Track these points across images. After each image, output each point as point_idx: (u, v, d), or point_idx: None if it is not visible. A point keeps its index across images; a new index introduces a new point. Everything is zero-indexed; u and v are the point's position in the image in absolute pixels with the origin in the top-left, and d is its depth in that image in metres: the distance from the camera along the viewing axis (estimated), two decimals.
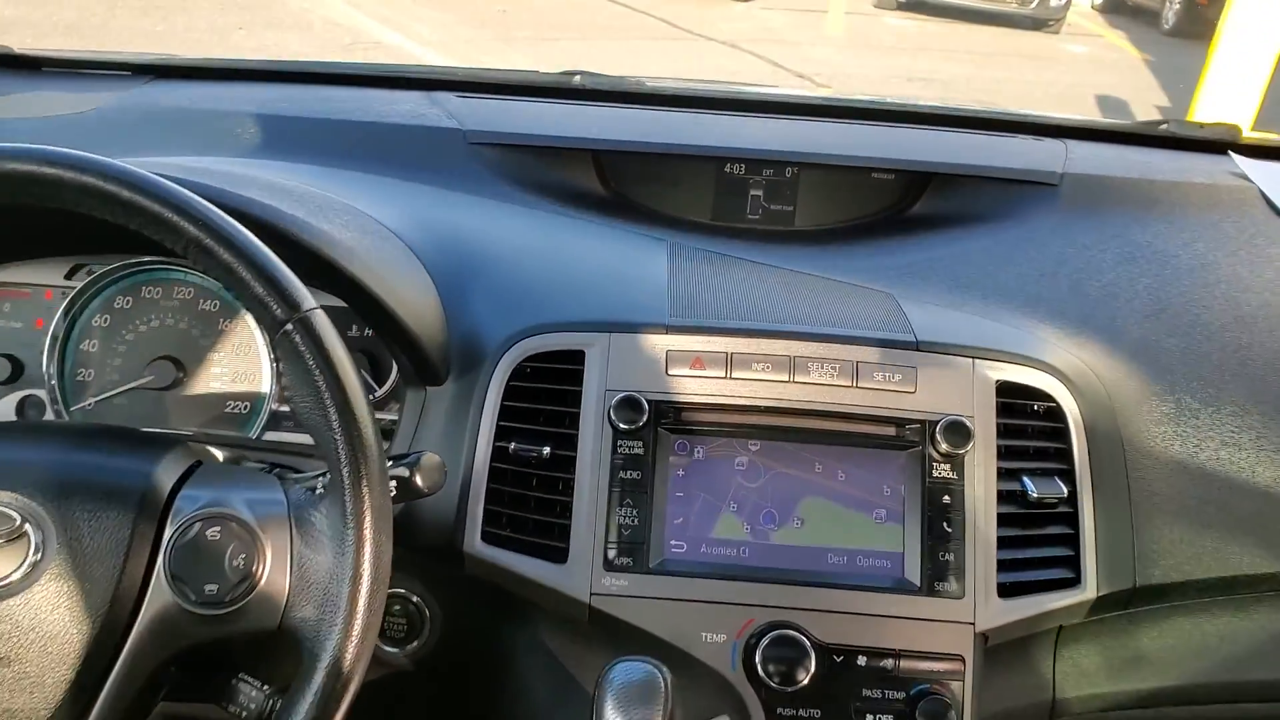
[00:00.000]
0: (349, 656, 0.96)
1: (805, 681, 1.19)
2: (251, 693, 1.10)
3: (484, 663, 1.33)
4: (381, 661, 1.34)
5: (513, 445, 1.26)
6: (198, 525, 0.99)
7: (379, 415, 1.38)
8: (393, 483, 1.11)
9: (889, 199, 1.73)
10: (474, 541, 1.25)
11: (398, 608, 1.34)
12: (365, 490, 0.98)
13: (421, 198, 1.56)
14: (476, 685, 1.34)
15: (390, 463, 1.14)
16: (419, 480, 1.13)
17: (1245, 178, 1.75)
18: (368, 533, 0.98)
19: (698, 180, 1.73)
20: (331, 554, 0.99)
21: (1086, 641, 1.34)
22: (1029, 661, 1.33)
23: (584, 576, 1.22)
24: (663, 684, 1.03)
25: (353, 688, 1.00)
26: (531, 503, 1.27)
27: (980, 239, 1.60)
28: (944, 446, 1.24)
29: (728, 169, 1.73)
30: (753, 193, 1.74)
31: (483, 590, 1.29)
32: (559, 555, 1.24)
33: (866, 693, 1.20)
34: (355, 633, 0.97)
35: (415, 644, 1.33)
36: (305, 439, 1.33)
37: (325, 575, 0.99)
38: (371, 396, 1.41)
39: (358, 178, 1.59)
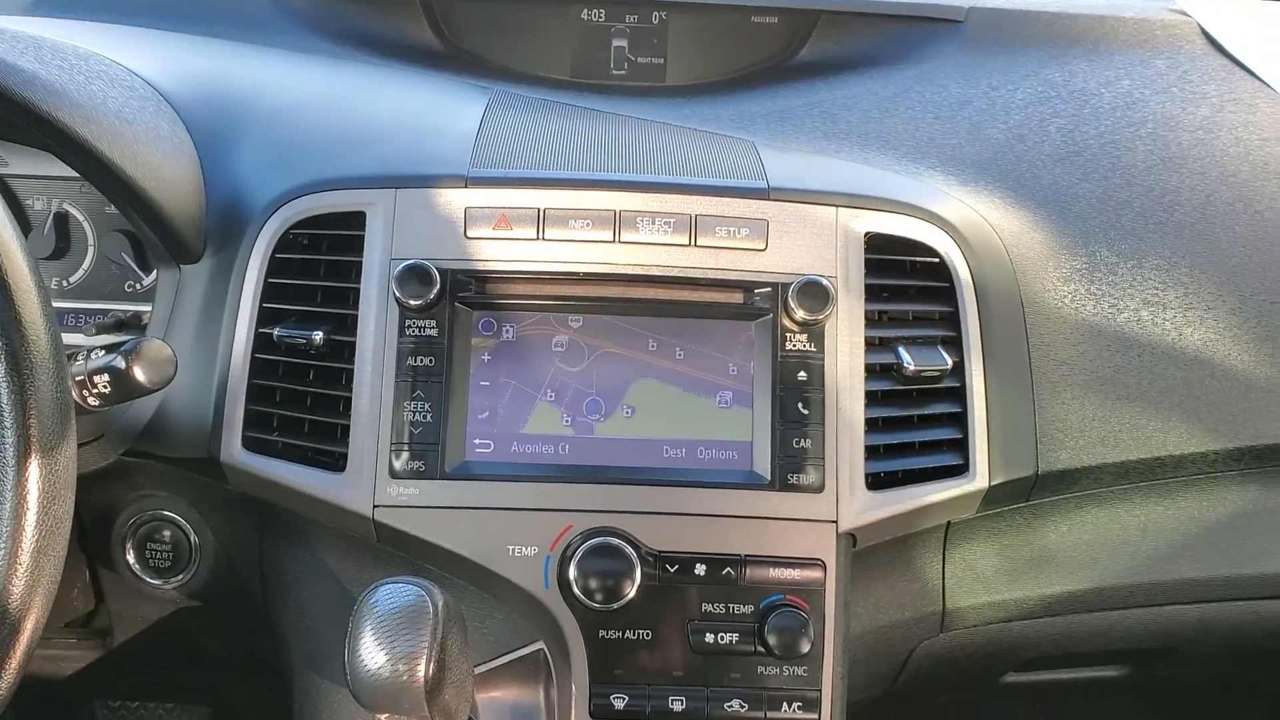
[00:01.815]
0: (16, 594, 0.78)
1: (632, 596, 0.99)
2: None
3: (264, 593, 1.12)
4: (148, 596, 1.13)
5: (277, 331, 1.03)
6: None
7: (134, 306, 1.16)
8: (105, 376, 0.92)
9: (772, 45, 1.48)
10: (233, 449, 1.03)
11: (166, 534, 1.13)
12: (24, 379, 0.77)
13: (202, 50, 1.31)
14: (257, 621, 1.13)
15: (102, 351, 0.93)
16: (138, 372, 0.92)
17: (1183, 12, 1.51)
18: (34, 433, 0.78)
19: (551, 30, 1.47)
20: None
21: (981, 541, 1.14)
22: (912, 567, 1.13)
23: (366, 487, 1.01)
24: (432, 609, 0.82)
25: (29, 629, 0.80)
26: (306, 401, 1.05)
27: (869, 82, 1.36)
28: (799, 313, 1.02)
29: (585, 15, 1.47)
30: (616, 43, 1.49)
31: (255, 509, 1.08)
32: (337, 462, 1.02)
33: (707, 608, 1.00)
34: (23, 560, 0.76)
35: (183, 576, 1.13)
36: None
37: None
38: (137, 286, 1.19)
39: (140, 33, 1.34)
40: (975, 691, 1.38)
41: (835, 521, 1.02)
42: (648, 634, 1.00)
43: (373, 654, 0.80)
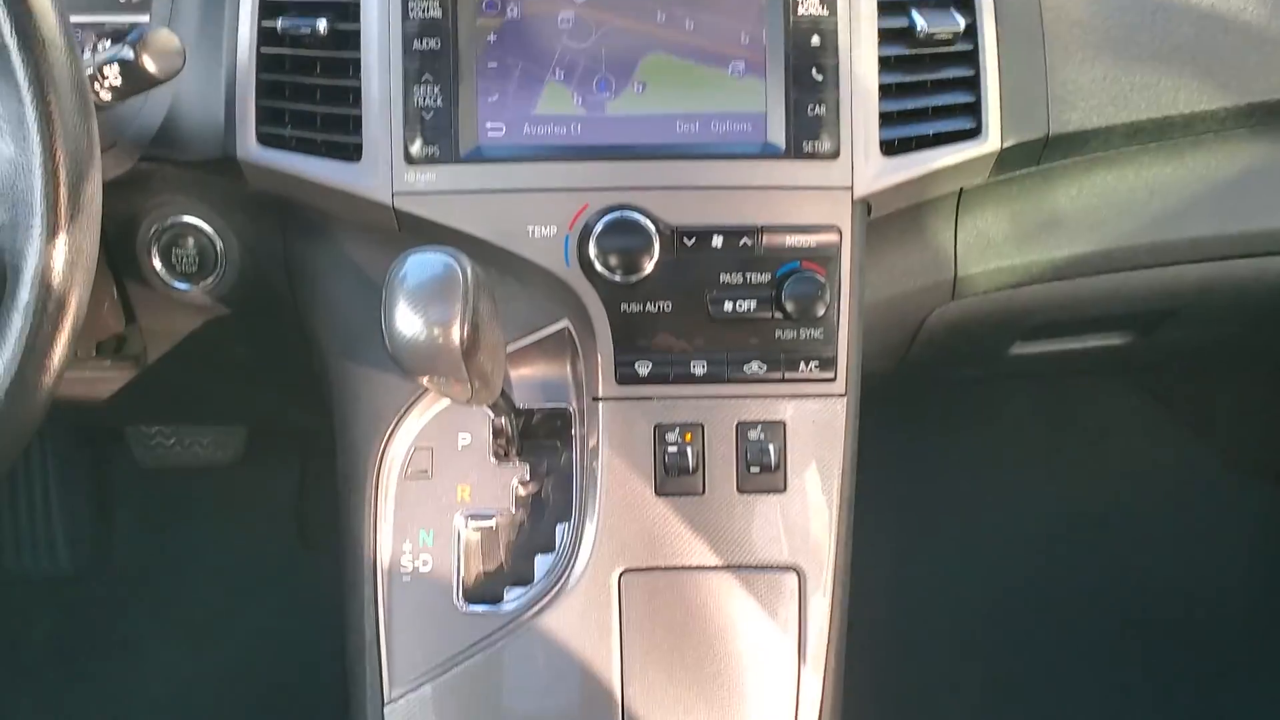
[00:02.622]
0: (58, 264, 0.79)
1: (651, 270, 1.01)
2: None
3: (292, 292, 1.15)
4: (179, 302, 1.15)
5: (280, 23, 1.01)
6: None
7: (131, 18, 1.13)
8: (115, 68, 0.92)
9: None
10: (249, 145, 1.03)
11: (190, 241, 1.14)
12: (40, 53, 0.76)
13: None
14: (287, 324, 1.16)
15: (109, 43, 0.91)
16: (147, 62, 0.92)
17: None
18: (54, 110, 0.78)
19: None
20: (12, 142, 0.78)
21: (992, 206, 1.15)
22: (924, 234, 1.15)
23: (383, 174, 1.01)
24: (461, 275, 0.84)
25: (74, 305, 0.82)
26: (316, 93, 1.04)
27: None
28: None
29: None
30: None
31: (276, 210, 1.09)
32: (352, 152, 1.02)
33: (725, 278, 1.03)
34: (61, 235, 0.78)
35: (211, 279, 1.14)
36: None
37: (8, 169, 0.79)
38: None
39: None
40: (983, 366, 1.43)
41: (850, 188, 1.03)
42: (668, 305, 1.03)
43: (409, 321, 0.82)
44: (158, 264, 1.13)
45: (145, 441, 1.96)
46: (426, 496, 1.06)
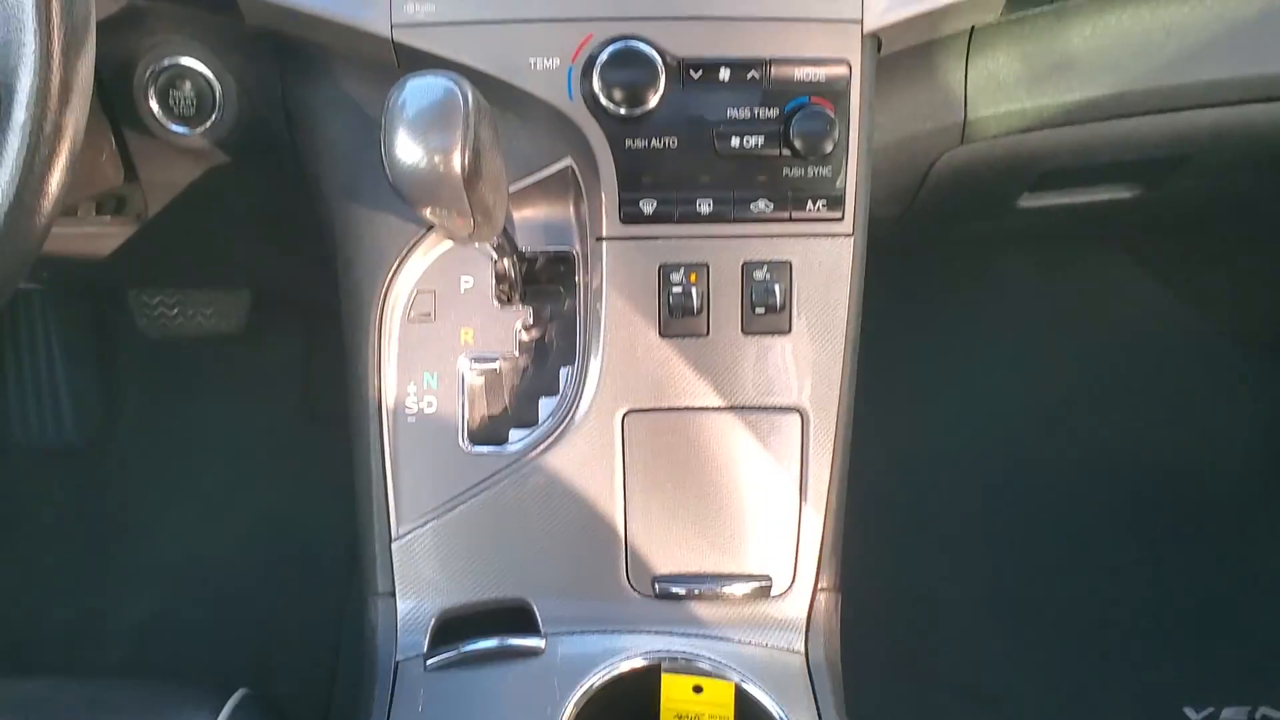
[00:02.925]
0: (54, 84, 0.78)
1: (655, 104, 0.99)
2: None
3: (290, 134, 1.13)
4: (178, 150, 1.14)
5: None
6: None
7: None
8: None
9: None
10: None
11: (187, 84, 1.12)
12: None
13: None
14: (287, 171, 1.15)
15: None
16: None
17: None
18: None
19: None
20: None
21: (1004, 47, 1.12)
22: (934, 74, 1.12)
23: (381, 5, 0.99)
24: (462, 100, 0.82)
25: (70, 128, 0.81)
26: None
27: None
28: None
29: None
30: None
31: (274, 49, 1.07)
32: None
33: (732, 113, 1.01)
34: (56, 54, 0.77)
35: (209, 122, 1.12)
36: None
37: None
38: None
39: None
40: (990, 219, 1.41)
41: (860, 21, 1.00)
42: (673, 141, 1.01)
43: (409, 148, 0.80)
44: (155, 107, 1.11)
45: (148, 311, 1.96)
46: (430, 339, 1.05)
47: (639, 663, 0.98)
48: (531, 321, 1.07)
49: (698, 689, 0.96)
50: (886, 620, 1.44)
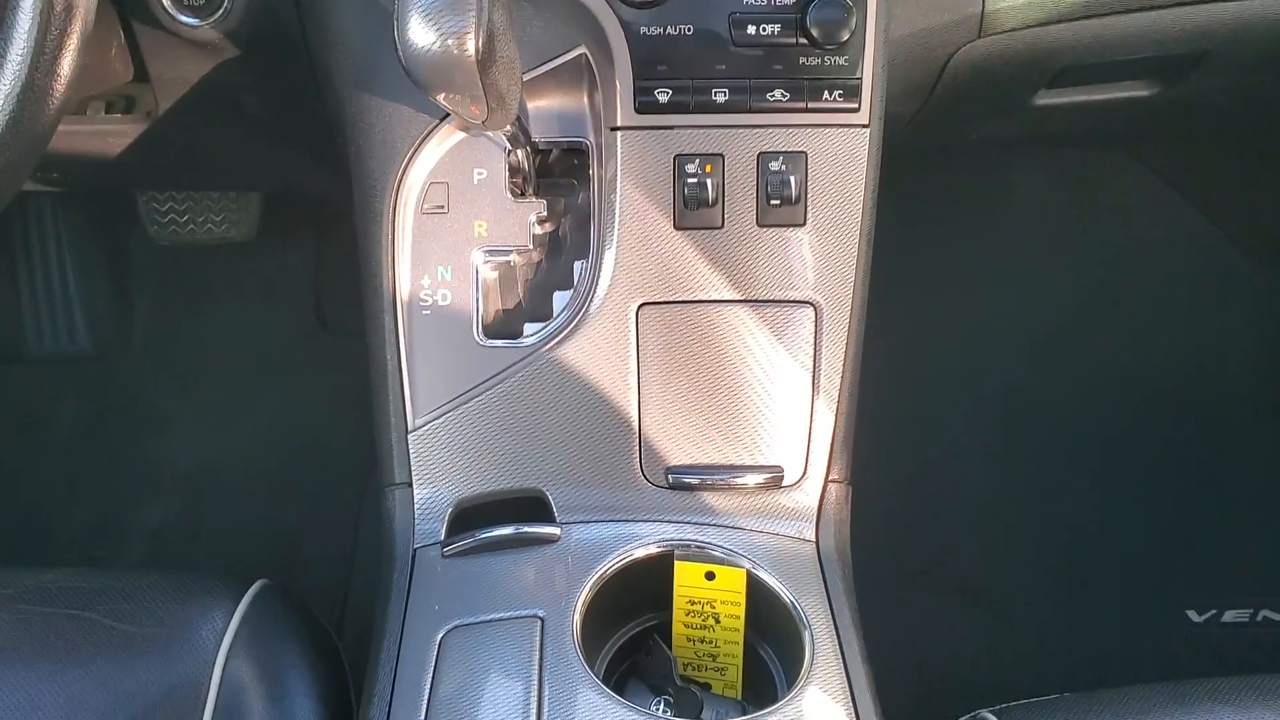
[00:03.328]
0: None
1: None
2: None
3: (302, 27, 1.12)
4: (188, 43, 1.12)
5: None
6: None
7: None
8: None
9: None
10: None
11: None
12: None
13: None
14: (297, 57, 1.13)
15: None
16: None
17: None
18: None
19: None
20: None
21: None
22: None
23: None
24: None
25: (81, 9, 0.80)
26: None
27: None
28: None
29: None
30: None
31: None
32: None
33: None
34: None
35: (219, 12, 1.11)
36: None
37: None
38: None
39: None
40: (1006, 117, 1.40)
41: None
42: (689, 29, 1.00)
43: (421, 33, 0.80)
44: None
45: (159, 218, 1.95)
46: (443, 231, 1.05)
47: (653, 550, 0.99)
48: (545, 214, 1.06)
49: (710, 575, 0.97)
50: (890, 519, 1.46)
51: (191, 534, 1.85)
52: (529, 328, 1.06)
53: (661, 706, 0.95)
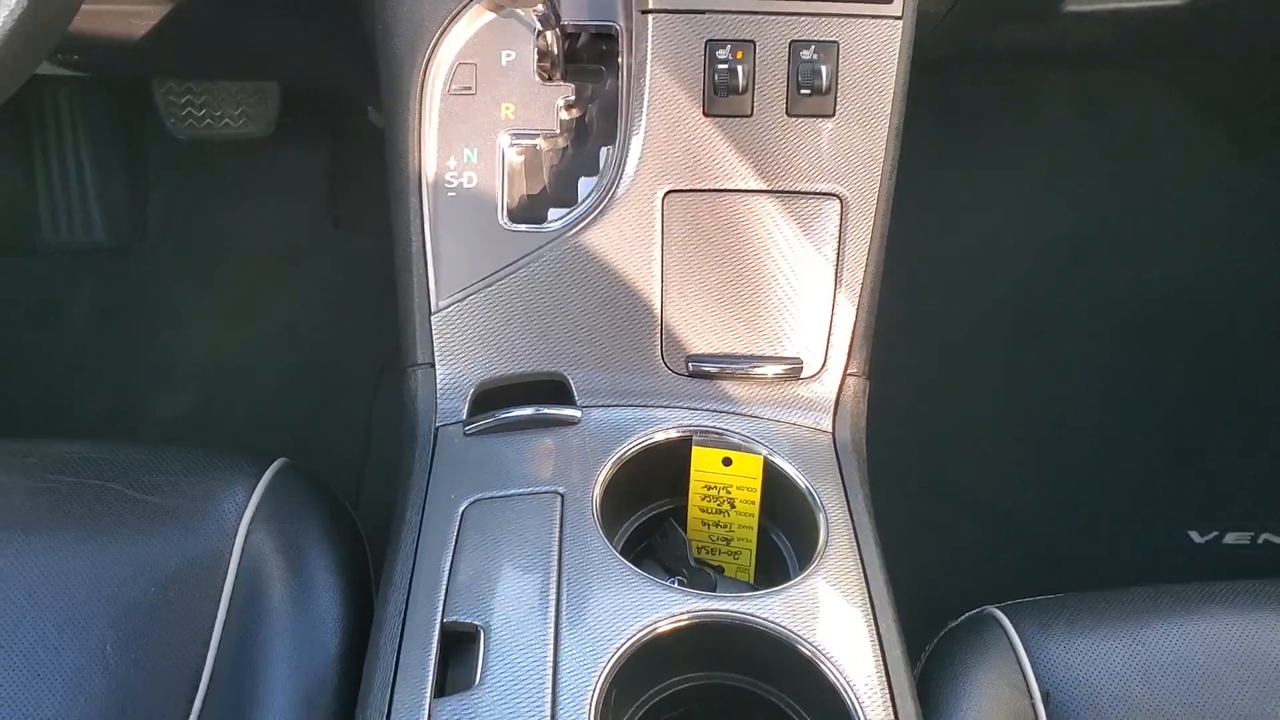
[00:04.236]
0: None
1: None
2: None
3: None
4: None
5: None
6: None
7: None
8: None
9: None
10: None
11: None
12: None
13: None
14: None
15: None
16: None
17: None
18: None
19: None
20: None
21: None
22: None
23: None
24: None
25: None
26: None
27: None
28: None
29: None
30: None
31: None
32: None
33: None
34: None
35: None
36: None
37: None
38: None
39: None
40: (1035, 22, 1.37)
41: None
42: None
43: None
44: None
45: (176, 111, 1.94)
46: (470, 113, 1.05)
47: (672, 434, 1.00)
48: (573, 99, 1.06)
49: (727, 461, 0.99)
50: (897, 426, 1.46)
51: (204, 424, 1.87)
52: (553, 213, 1.06)
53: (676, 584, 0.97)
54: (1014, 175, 1.99)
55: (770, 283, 1.05)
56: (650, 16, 1.01)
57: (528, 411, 1.02)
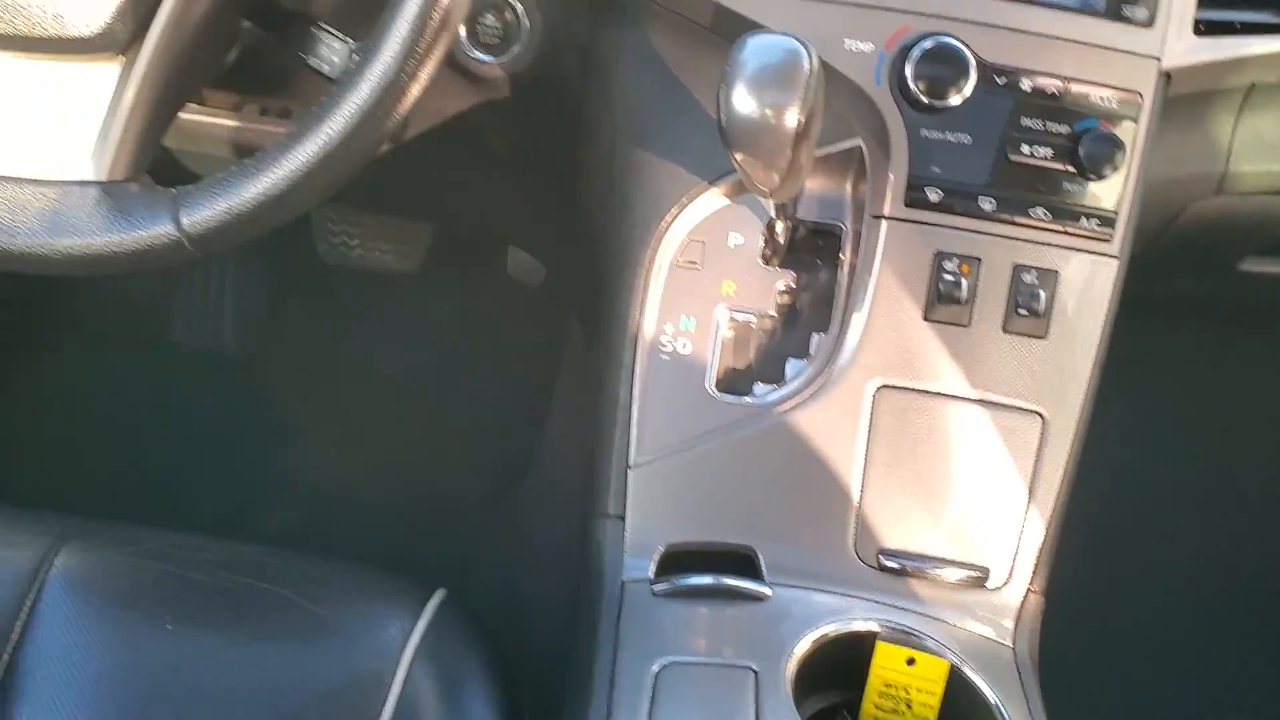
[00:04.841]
0: None
1: (958, 102, 1.03)
2: (334, 44, 0.98)
3: (584, 76, 1.18)
4: (464, 77, 1.19)
5: None
6: None
7: None
8: None
9: None
10: None
11: (491, 17, 1.18)
12: None
13: None
14: (562, 106, 1.20)
15: None
16: None
17: None
18: None
19: None
20: None
21: (1276, 108, 1.16)
22: (1204, 125, 1.16)
23: None
24: (806, 64, 0.87)
25: (445, 38, 0.86)
26: None
27: None
28: None
29: None
30: None
31: None
32: None
33: (1026, 122, 1.05)
34: None
35: (514, 50, 1.18)
36: None
37: None
38: None
39: None
40: (1211, 277, 1.43)
41: (1158, 58, 1.05)
42: (967, 138, 1.05)
43: (746, 99, 0.85)
44: (462, 31, 1.17)
45: (331, 238, 2.02)
46: (693, 285, 1.10)
47: (862, 626, 1.01)
48: (793, 285, 1.11)
49: (911, 661, 0.99)
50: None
51: (314, 542, 1.87)
52: (759, 388, 1.10)
53: None
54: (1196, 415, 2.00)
55: (966, 488, 1.07)
56: (884, 222, 1.07)
57: (721, 581, 1.03)
